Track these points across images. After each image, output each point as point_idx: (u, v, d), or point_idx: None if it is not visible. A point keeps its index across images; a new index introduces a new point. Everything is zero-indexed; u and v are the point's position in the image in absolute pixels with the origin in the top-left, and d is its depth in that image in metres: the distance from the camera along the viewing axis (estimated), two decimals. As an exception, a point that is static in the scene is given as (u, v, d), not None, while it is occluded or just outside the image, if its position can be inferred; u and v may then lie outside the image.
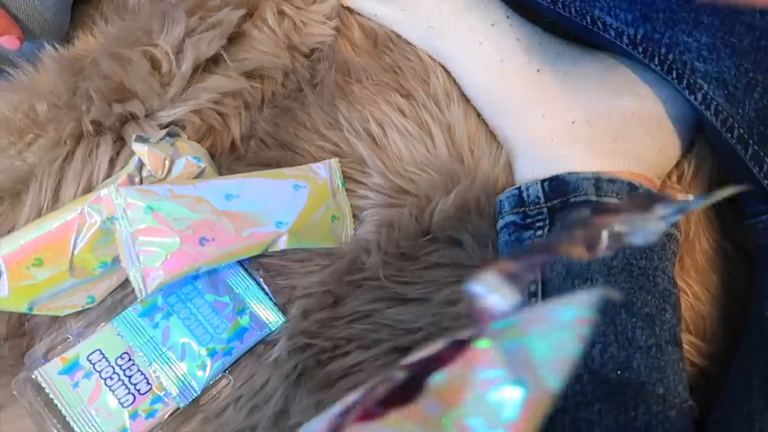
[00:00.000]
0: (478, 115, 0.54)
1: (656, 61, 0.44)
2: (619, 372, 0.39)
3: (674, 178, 0.52)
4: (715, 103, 0.43)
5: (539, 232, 0.47)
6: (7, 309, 0.41)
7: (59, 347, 0.43)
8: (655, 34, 0.43)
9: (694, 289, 0.48)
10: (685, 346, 0.46)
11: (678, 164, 0.52)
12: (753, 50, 0.41)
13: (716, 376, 0.45)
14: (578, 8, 0.46)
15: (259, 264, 0.47)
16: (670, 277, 0.45)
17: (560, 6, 0.47)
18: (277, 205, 0.45)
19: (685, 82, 0.44)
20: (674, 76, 0.44)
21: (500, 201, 0.50)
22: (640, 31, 0.44)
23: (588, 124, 0.49)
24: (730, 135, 0.43)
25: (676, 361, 0.41)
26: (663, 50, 0.43)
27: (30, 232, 0.40)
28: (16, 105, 0.45)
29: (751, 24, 0.40)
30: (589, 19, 0.46)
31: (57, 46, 0.48)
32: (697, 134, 0.52)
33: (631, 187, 0.47)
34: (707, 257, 0.49)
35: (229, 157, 0.49)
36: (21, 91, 0.45)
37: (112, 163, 0.46)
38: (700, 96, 0.44)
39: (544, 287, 0.44)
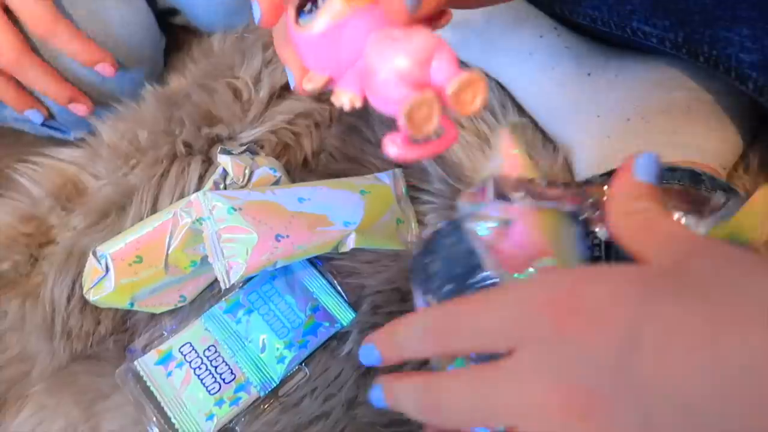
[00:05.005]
0: (534, 123, 0.56)
1: (701, 59, 0.44)
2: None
3: (741, 170, 0.51)
4: (767, 88, 0.43)
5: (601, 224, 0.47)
6: (112, 304, 0.46)
7: (155, 341, 0.47)
8: (694, 35, 0.43)
9: None
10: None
11: (743, 155, 0.51)
12: None
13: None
14: (617, 23, 0.48)
15: (331, 266, 0.51)
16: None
17: (600, 23, 0.49)
18: (345, 208, 0.48)
19: (733, 73, 0.43)
20: (722, 69, 0.44)
21: (560, 198, 0.51)
22: (680, 34, 0.44)
23: (644, 120, 0.50)
24: None
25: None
26: (706, 48, 0.43)
27: (133, 233, 0.45)
28: (122, 133, 0.52)
29: None
30: (629, 30, 0.47)
31: (155, 84, 0.55)
32: (761, 124, 0.51)
33: (694, 174, 0.47)
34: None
35: (302, 171, 0.54)
36: (126, 121, 0.53)
37: (200, 179, 0.52)
38: (751, 84, 0.43)
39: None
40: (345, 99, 0.26)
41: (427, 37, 0.25)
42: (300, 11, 0.27)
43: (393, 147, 0.26)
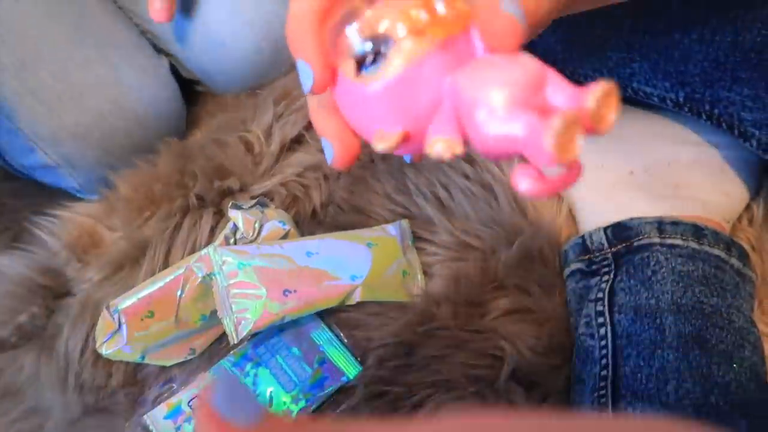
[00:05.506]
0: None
1: (704, 117, 0.45)
2: (695, 408, 0.38)
3: (745, 222, 0.52)
4: None
5: (605, 278, 0.48)
6: (124, 358, 0.47)
7: (165, 394, 0.48)
8: (695, 95, 0.44)
9: (778, 331, 0.46)
10: (774, 391, 0.44)
11: (747, 207, 0.52)
12: None
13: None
14: (617, 83, 0.49)
15: (338, 318, 0.51)
16: (746, 316, 0.44)
17: None
18: (352, 261, 0.49)
19: (736, 131, 0.44)
20: (725, 127, 0.44)
21: (565, 251, 0.51)
22: (680, 94, 0.45)
23: (647, 172, 0.51)
24: None
25: (760, 398, 0.40)
26: (707, 107, 0.44)
27: (146, 288, 0.47)
28: (137, 187, 0.54)
29: None
30: (630, 90, 0.48)
31: (171, 140, 0.57)
32: (763, 177, 0.52)
33: (697, 229, 0.47)
34: (789, 297, 0.47)
35: (311, 222, 0.55)
36: (142, 175, 0.54)
37: (212, 231, 0.53)
38: (754, 142, 0.43)
39: (613, 329, 0.45)
40: (440, 147, 0.22)
41: (533, 59, 0.22)
42: (360, 66, 0.23)
43: (526, 181, 0.21)
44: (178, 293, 0.47)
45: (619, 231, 0.49)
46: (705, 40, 0.42)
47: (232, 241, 0.49)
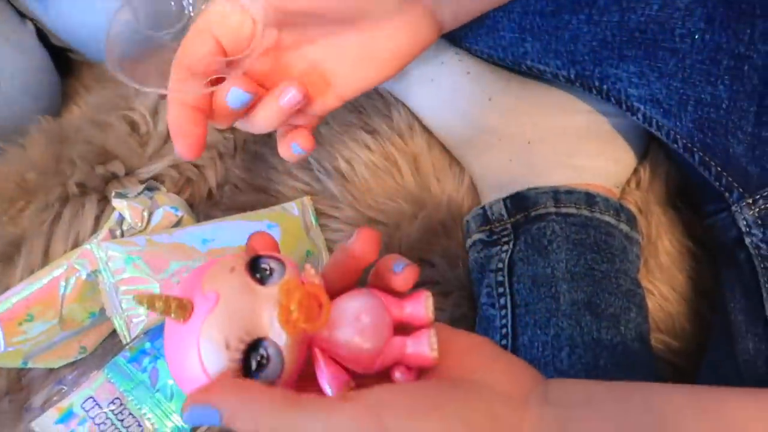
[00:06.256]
0: (442, 143, 0.57)
1: (593, 92, 0.46)
2: (586, 372, 0.40)
3: (633, 185, 0.54)
4: (654, 120, 0.44)
5: (505, 248, 0.49)
6: (3, 365, 0.43)
7: (55, 397, 0.45)
8: (585, 72, 0.46)
9: (660, 289, 0.49)
10: (656, 344, 0.47)
11: (635, 171, 0.54)
12: (679, 70, 0.42)
13: (687, 370, 0.46)
14: (512, 60, 0.49)
15: (241, 303, 0.50)
16: (633, 278, 0.47)
17: (497, 59, 0.50)
18: (253, 245, 0.47)
19: (624, 105, 0.46)
20: (613, 101, 0.46)
21: (467, 221, 0.52)
22: (571, 72, 0.46)
23: (543, 142, 0.52)
24: (676, 145, 0.44)
25: (643, 357, 0.42)
26: (597, 83, 0.46)
27: (22, 290, 0.43)
28: (6, 175, 0.49)
29: (673, 48, 0.42)
30: (524, 67, 0.49)
31: (44, 118, 0.52)
32: (650, 142, 0.54)
33: (589, 197, 0.49)
34: (671, 257, 0.50)
35: (206, 204, 0.52)
36: (12, 162, 0.49)
37: (97, 220, 0.49)
38: (640, 116, 0.45)
39: (512, 299, 0.46)
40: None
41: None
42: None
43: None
44: (60, 293, 0.43)
45: (518, 201, 0.49)
46: (593, 21, 0.43)
47: (118, 233, 0.46)
